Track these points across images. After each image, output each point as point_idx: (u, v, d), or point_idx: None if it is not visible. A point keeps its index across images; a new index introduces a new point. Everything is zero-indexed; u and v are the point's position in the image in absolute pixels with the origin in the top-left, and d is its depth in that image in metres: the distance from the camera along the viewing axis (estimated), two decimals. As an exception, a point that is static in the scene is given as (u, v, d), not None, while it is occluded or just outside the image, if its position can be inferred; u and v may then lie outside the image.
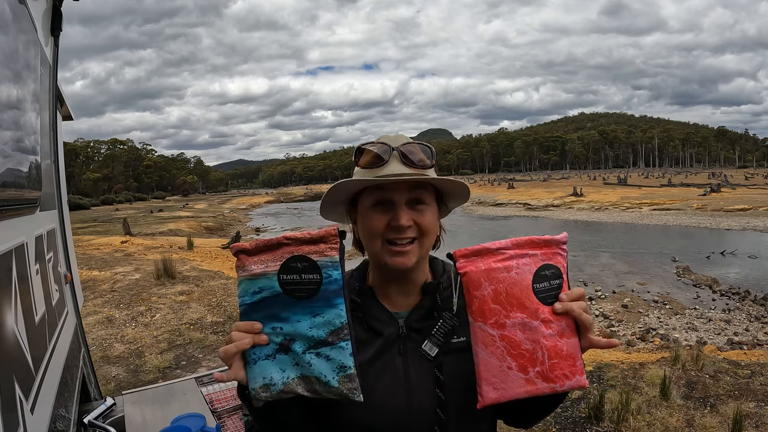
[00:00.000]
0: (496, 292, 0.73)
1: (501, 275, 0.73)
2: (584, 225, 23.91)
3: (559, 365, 0.72)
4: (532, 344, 0.72)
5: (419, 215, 0.86)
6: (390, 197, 0.85)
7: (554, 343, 0.73)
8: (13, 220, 1.03)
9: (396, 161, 0.86)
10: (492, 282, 0.73)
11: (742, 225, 19.96)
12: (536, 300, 0.73)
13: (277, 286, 0.71)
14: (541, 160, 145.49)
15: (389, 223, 0.85)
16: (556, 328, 0.74)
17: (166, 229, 21.82)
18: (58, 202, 1.91)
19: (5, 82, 0.91)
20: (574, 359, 0.74)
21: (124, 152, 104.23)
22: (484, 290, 0.73)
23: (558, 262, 0.77)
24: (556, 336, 0.73)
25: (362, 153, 0.88)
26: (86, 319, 5.95)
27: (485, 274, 0.74)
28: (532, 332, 0.73)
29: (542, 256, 0.76)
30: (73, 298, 1.99)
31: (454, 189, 0.91)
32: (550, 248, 0.77)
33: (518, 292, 0.73)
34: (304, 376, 0.70)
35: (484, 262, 0.75)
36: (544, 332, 0.72)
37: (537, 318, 0.73)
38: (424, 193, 0.87)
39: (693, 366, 4.41)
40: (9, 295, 0.87)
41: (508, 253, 0.75)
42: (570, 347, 0.74)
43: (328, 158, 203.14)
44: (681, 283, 11.08)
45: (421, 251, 0.88)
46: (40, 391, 1.00)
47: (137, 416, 1.87)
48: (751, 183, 40.74)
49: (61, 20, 1.81)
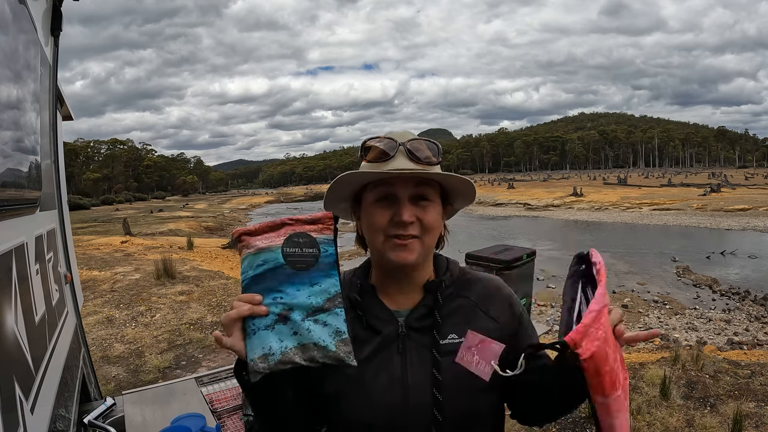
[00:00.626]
0: (616, 352, 0.70)
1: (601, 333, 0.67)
2: (584, 225, 23.91)
3: (624, 374, 0.73)
4: (623, 373, 0.73)
5: (422, 211, 0.85)
6: (394, 192, 0.85)
7: (621, 358, 0.74)
8: (13, 220, 1.03)
9: (402, 157, 0.85)
10: (610, 347, 0.68)
11: (742, 225, 19.96)
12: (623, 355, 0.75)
13: (280, 258, 0.75)
14: (541, 160, 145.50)
15: (392, 218, 0.85)
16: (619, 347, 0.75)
17: (166, 229, 21.82)
18: (58, 202, 1.91)
19: (5, 82, 0.91)
20: (623, 360, 0.76)
21: (124, 152, 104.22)
22: (611, 361, 0.67)
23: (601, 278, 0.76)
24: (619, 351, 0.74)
25: (368, 148, 0.88)
26: (86, 319, 5.95)
27: (605, 342, 0.66)
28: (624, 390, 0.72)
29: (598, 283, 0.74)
30: (73, 298, 1.99)
31: (459, 186, 0.90)
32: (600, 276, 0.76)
33: (617, 352, 0.72)
34: (302, 345, 0.73)
35: (596, 327, 0.66)
36: (620, 356, 0.73)
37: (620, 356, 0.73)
38: (428, 189, 0.87)
39: (693, 366, 4.41)
40: (9, 295, 0.87)
41: (598, 306, 0.68)
42: (622, 354, 0.76)
43: (328, 158, 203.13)
44: (681, 283, 11.08)
45: (424, 248, 0.87)
46: (40, 391, 1.00)
47: (137, 416, 1.87)
48: (751, 183, 40.74)
49: (61, 20, 1.81)
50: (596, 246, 3.48)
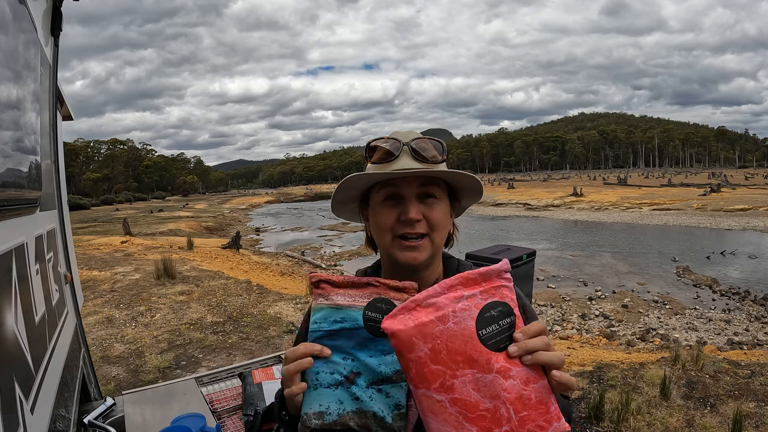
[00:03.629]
0: (435, 350, 0.62)
1: (436, 329, 0.62)
2: (584, 225, 23.90)
3: (530, 417, 0.61)
4: (492, 401, 0.61)
5: (429, 209, 0.85)
6: (400, 192, 0.85)
7: (519, 394, 0.61)
8: (13, 220, 1.03)
9: (407, 156, 0.85)
10: (427, 340, 0.62)
11: (742, 225, 19.96)
12: (485, 349, 0.62)
13: (360, 320, 0.75)
14: (541, 160, 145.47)
15: (399, 217, 0.84)
16: (519, 374, 0.62)
17: (166, 229, 21.81)
18: (58, 202, 1.91)
19: (5, 82, 0.91)
20: (546, 405, 0.63)
21: (124, 152, 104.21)
22: (419, 351, 0.62)
23: (504, 296, 0.66)
24: (520, 384, 0.62)
25: (373, 148, 0.88)
26: (86, 319, 5.95)
27: (417, 331, 0.62)
28: (489, 387, 0.61)
29: (483, 294, 0.65)
30: (73, 298, 1.98)
31: (466, 183, 0.90)
32: (490, 282, 0.66)
33: (461, 344, 0.62)
34: (360, 410, 0.72)
35: (413, 317, 0.63)
36: (503, 384, 0.61)
37: (491, 370, 0.61)
38: (434, 187, 0.86)
39: (693, 366, 4.41)
40: (9, 295, 0.87)
41: (440, 301, 0.64)
42: (539, 392, 0.63)
43: (328, 158, 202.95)
44: (681, 283, 11.08)
45: (433, 247, 0.87)
46: (40, 391, 1.00)
47: (137, 416, 1.87)
48: (751, 183, 40.73)
49: (61, 20, 1.81)
50: (597, 246, 3.49)
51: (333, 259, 15.47)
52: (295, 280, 10.66)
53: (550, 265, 13.33)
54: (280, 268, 12.21)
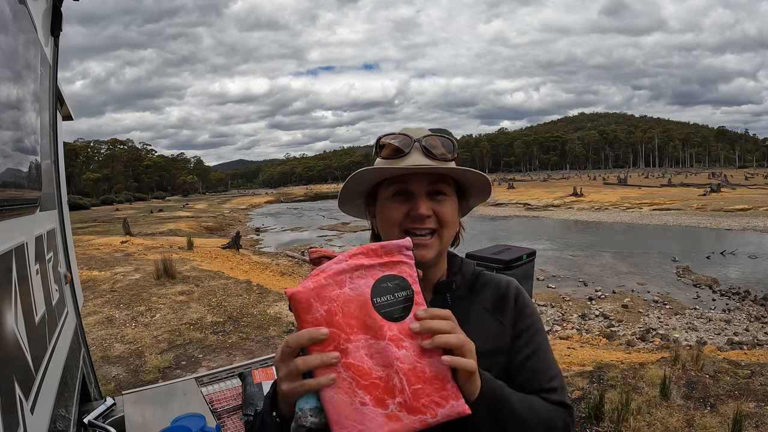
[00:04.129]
0: (330, 312, 0.63)
1: (333, 292, 0.64)
2: (584, 225, 23.91)
3: (423, 391, 0.61)
4: (385, 369, 0.61)
5: (439, 205, 0.85)
6: (410, 188, 0.85)
7: (412, 365, 0.62)
8: (13, 220, 1.03)
9: (417, 153, 0.85)
10: (324, 302, 0.63)
11: (742, 225, 19.96)
12: (378, 316, 0.63)
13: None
14: (541, 160, 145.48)
15: (408, 212, 0.84)
16: (412, 347, 0.63)
17: (166, 229, 21.82)
18: (58, 202, 1.91)
19: (5, 82, 0.91)
20: (442, 381, 0.63)
21: (124, 152, 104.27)
22: (315, 312, 0.63)
23: (402, 271, 0.68)
24: (413, 356, 0.62)
25: (383, 145, 0.87)
26: (86, 319, 5.95)
27: (314, 293, 0.64)
28: (382, 355, 0.62)
29: (382, 266, 0.67)
30: (73, 298, 1.98)
31: (475, 182, 0.89)
32: (391, 256, 0.68)
33: (356, 309, 0.64)
34: None
35: (313, 280, 0.65)
36: (395, 353, 0.62)
37: (383, 337, 0.62)
38: (444, 185, 0.86)
39: (693, 366, 4.41)
40: (9, 295, 0.87)
41: (339, 267, 0.66)
42: (434, 368, 0.63)
43: (328, 158, 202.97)
44: (681, 283, 11.08)
45: (441, 244, 0.86)
46: (40, 391, 1.00)
47: (137, 416, 1.87)
48: (751, 183, 40.74)
49: (61, 20, 1.81)
50: (597, 246, 3.48)
51: (333, 259, 15.42)
52: (295, 280, 10.66)
53: (550, 265, 13.33)
54: (280, 268, 12.21)
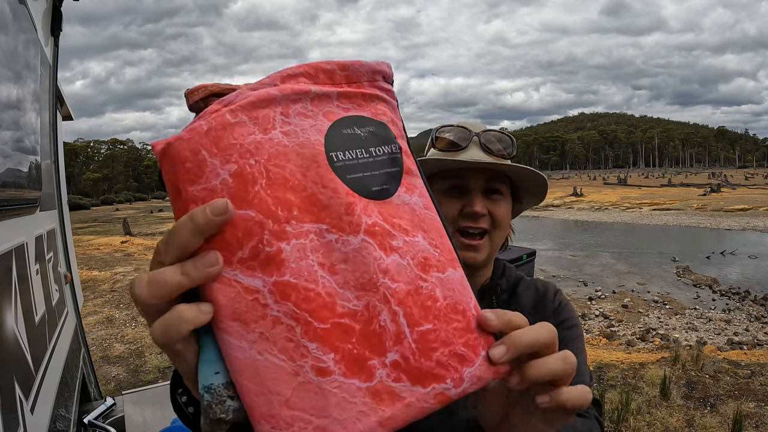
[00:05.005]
0: (243, 177, 0.31)
1: (249, 138, 0.32)
2: (584, 225, 23.92)
3: (437, 335, 0.32)
4: (363, 296, 0.31)
5: (494, 205, 0.81)
6: (465, 184, 0.80)
7: (413, 285, 0.32)
8: (13, 220, 1.03)
9: (476, 147, 0.82)
10: (230, 157, 0.31)
11: (742, 225, 19.96)
12: (343, 185, 0.33)
13: None
14: (541, 160, 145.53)
15: (462, 209, 0.80)
16: (411, 247, 0.33)
17: (166, 229, 21.79)
18: (58, 202, 1.91)
19: (5, 82, 0.91)
20: (464, 314, 0.34)
21: (124, 152, 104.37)
22: (212, 179, 0.31)
23: (379, 113, 0.37)
24: (414, 267, 0.33)
25: (440, 135, 0.84)
26: (86, 319, 5.95)
27: (211, 140, 0.31)
28: (354, 264, 0.31)
29: (342, 100, 0.36)
30: (73, 298, 1.99)
31: (533, 183, 0.85)
32: (357, 85, 0.37)
33: (296, 171, 0.32)
34: None
35: (209, 118, 0.32)
36: (381, 261, 0.32)
37: (355, 228, 0.32)
38: (501, 184, 0.82)
39: (693, 366, 4.41)
40: (9, 295, 0.87)
41: (261, 94, 0.33)
42: (450, 287, 0.34)
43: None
44: (681, 283, 11.08)
45: (492, 247, 0.82)
46: (40, 391, 1.00)
47: (137, 416, 1.87)
48: (751, 183, 40.76)
49: (61, 20, 1.81)
50: (597, 246, 3.48)
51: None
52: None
53: (550, 265, 13.33)
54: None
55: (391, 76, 0.40)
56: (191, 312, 0.29)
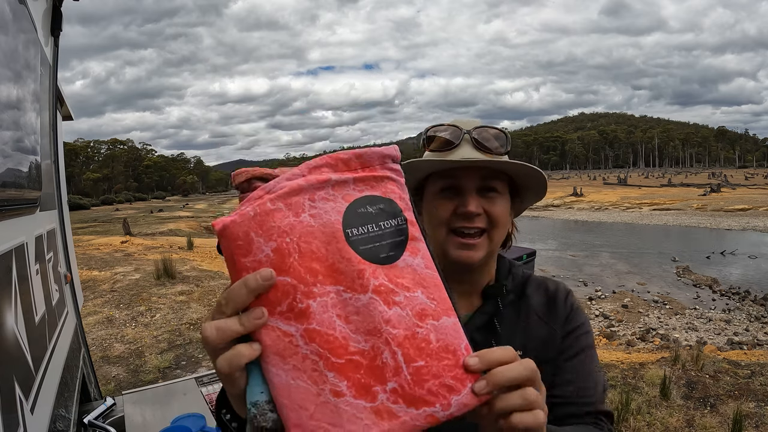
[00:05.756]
0: (281, 252, 0.41)
1: (285, 222, 0.42)
2: (584, 225, 23.91)
3: (429, 370, 0.41)
4: (369, 339, 0.41)
5: (490, 203, 0.79)
6: (459, 183, 0.79)
7: (410, 331, 0.42)
8: (13, 220, 1.03)
9: (468, 145, 0.79)
10: (271, 236, 0.41)
11: (742, 225, 19.96)
12: (356, 255, 0.42)
13: None
14: (541, 160, 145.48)
15: (456, 209, 0.78)
16: (410, 302, 0.43)
17: (166, 229, 21.82)
18: (58, 202, 1.91)
19: (5, 82, 0.91)
20: (455, 353, 0.43)
21: (124, 152, 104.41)
22: (258, 253, 0.41)
23: (389, 191, 0.46)
24: (412, 317, 0.42)
25: (432, 136, 0.82)
26: (86, 319, 5.95)
27: (256, 223, 0.42)
28: (363, 316, 0.41)
29: (358, 183, 0.45)
30: (73, 298, 1.99)
31: (530, 179, 0.83)
32: (370, 169, 0.46)
33: (320, 246, 0.42)
34: None
35: (255, 204, 0.43)
36: (384, 313, 0.41)
37: (365, 288, 0.42)
38: (496, 181, 0.80)
39: (693, 366, 4.41)
40: (9, 295, 0.87)
41: (293, 185, 0.44)
42: (443, 333, 0.43)
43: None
44: (681, 283, 11.08)
45: (491, 246, 0.80)
46: (40, 391, 1.00)
47: (137, 416, 1.87)
48: (751, 183, 40.76)
49: (61, 20, 1.81)
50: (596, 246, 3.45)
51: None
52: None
53: (550, 265, 13.33)
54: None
55: (399, 157, 0.49)
56: (247, 350, 0.41)
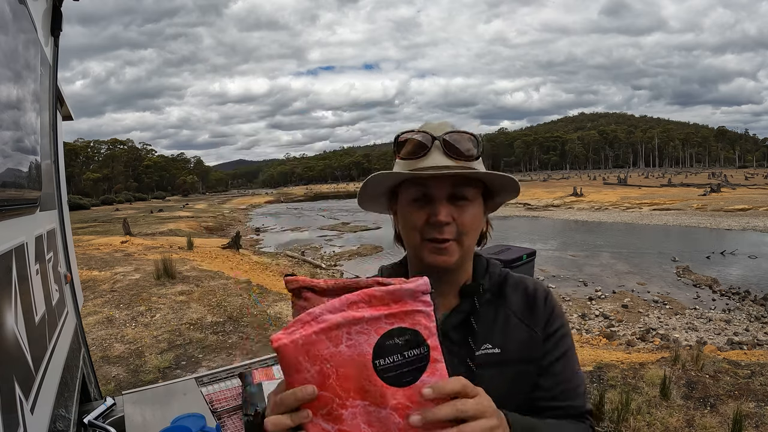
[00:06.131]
0: (323, 374, 0.54)
1: (326, 351, 0.54)
2: (584, 225, 23.91)
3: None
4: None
5: (460, 212, 0.79)
6: (430, 192, 0.79)
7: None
8: (13, 220, 1.03)
9: (438, 152, 0.79)
10: (315, 361, 0.54)
11: (742, 225, 19.96)
12: (380, 382, 0.54)
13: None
14: (541, 160, 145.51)
15: (428, 218, 0.79)
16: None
17: (166, 229, 21.82)
18: (58, 202, 1.91)
19: (5, 82, 0.91)
20: None
21: (124, 152, 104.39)
22: (305, 373, 0.54)
23: (416, 322, 0.56)
24: (420, 428, 0.55)
25: (402, 142, 0.82)
26: (86, 319, 5.95)
27: (304, 350, 0.54)
28: (382, 424, 0.54)
29: (389, 318, 0.56)
30: (73, 298, 1.98)
31: (502, 183, 0.84)
32: (401, 304, 0.56)
33: (353, 372, 0.54)
34: None
35: (303, 333, 0.55)
36: (398, 424, 0.54)
37: (385, 405, 0.54)
38: (467, 188, 0.80)
39: (693, 366, 4.41)
40: (9, 295, 0.87)
41: (333, 319, 0.55)
42: None
43: (328, 158, 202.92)
44: (681, 283, 11.08)
45: (462, 250, 0.81)
46: (40, 391, 1.00)
47: (137, 416, 1.87)
48: (751, 183, 40.76)
49: (61, 20, 1.81)
50: (596, 246, 3.47)
51: (333, 259, 15.47)
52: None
53: (550, 265, 13.33)
54: (280, 268, 12.21)
55: (429, 289, 0.57)
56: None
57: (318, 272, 12.49)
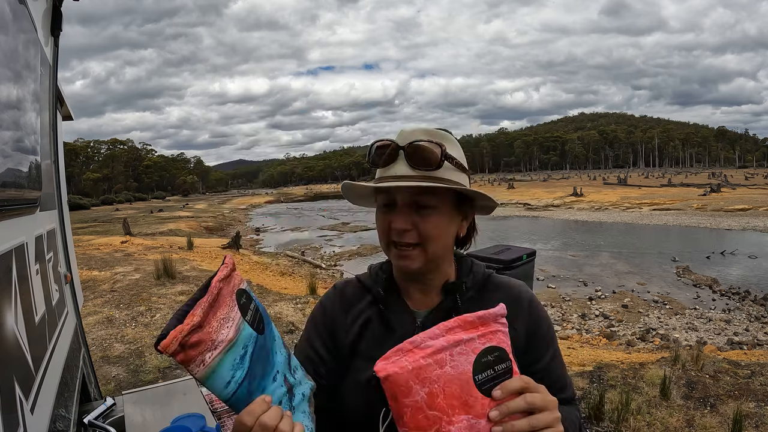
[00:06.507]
0: (432, 395, 0.61)
1: (434, 373, 0.61)
2: (584, 225, 23.91)
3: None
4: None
5: (422, 220, 0.81)
6: (393, 199, 0.83)
7: None
8: (13, 220, 1.03)
9: (401, 162, 0.81)
10: (424, 384, 0.61)
11: (742, 225, 19.96)
12: (480, 395, 0.62)
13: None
14: (541, 160, 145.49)
15: (391, 224, 0.83)
16: (510, 418, 0.63)
17: (166, 229, 21.82)
18: (58, 202, 1.91)
19: (5, 82, 0.91)
20: None
21: (124, 152, 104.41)
22: (416, 396, 0.61)
23: (501, 341, 0.66)
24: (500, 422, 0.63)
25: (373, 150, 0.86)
26: (86, 319, 5.95)
27: (414, 375, 0.61)
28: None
29: (481, 338, 0.65)
30: (73, 298, 1.98)
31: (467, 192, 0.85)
32: (487, 326, 0.66)
33: (458, 389, 0.61)
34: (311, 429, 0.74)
35: (410, 359, 0.62)
36: (486, 427, 0.62)
37: (485, 416, 0.61)
38: (429, 197, 0.81)
39: (693, 366, 4.41)
40: (9, 295, 0.87)
41: (437, 344, 0.63)
42: None
43: (328, 158, 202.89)
44: (681, 283, 11.08)
45: (428, 255, 0.83)
46: (40, 391, 1.00)
47: (137, 416, 1.87)
48: (751, 183, 40.77)
49: (61, 20, 1.81)
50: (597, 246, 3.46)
51: (333, 259, 15.47)
52: (295, 280, 10.66)
53: (550, 265, 13.33)
54: (280, 268, 12.21)
55: (506, 313, 0.68)
56: None
57: (318, 272, 12.48)
